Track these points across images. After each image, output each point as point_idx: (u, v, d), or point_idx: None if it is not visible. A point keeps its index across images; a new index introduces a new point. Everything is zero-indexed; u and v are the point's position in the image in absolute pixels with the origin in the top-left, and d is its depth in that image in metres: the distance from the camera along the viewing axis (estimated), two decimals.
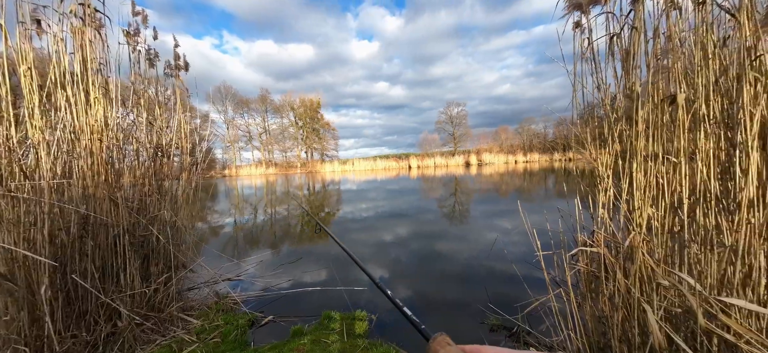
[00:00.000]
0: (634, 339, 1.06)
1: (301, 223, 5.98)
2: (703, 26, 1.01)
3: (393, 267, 3.22)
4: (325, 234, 2.23)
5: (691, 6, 1.05)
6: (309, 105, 43.95)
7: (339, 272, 3.07)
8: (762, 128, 0.90)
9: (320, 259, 3.57)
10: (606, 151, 1.24)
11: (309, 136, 43.83)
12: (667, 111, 1.01)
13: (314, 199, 10.11)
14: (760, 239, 0.90)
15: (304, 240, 4.63)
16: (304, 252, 3.92)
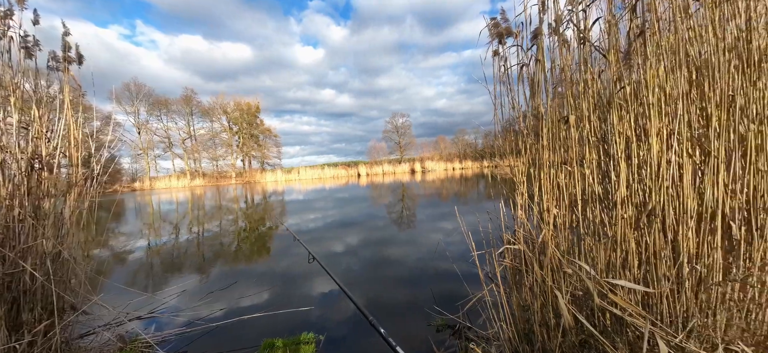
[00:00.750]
0: (550, 322, 1.25)
1: (237, 240, 5.38)
2: (583, 62, 1.28)
3: (344, 277, 3.14)
4: (265, 250, 2.04)
5: (576, 45, 1.32)
6: (246, 109, 40.25)
7: (284, 291, 2.85)
8: (626, 143, 1.17)
9: (262, 279, 3.26)
10: (520, 160, 1.44)
11: (246, 142, 40.00)
12: (563, 129, 1.24)
13: (253, 212, 9.23)
14: (631, 230, 1.15)
15: (239, 260, 4.16)
16: (241, 273, 3.52)
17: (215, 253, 4.58)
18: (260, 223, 7.11)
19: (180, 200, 15.49)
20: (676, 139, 1.08)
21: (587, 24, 1.28)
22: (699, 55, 1.15)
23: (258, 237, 5.58)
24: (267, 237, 5.62)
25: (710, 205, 1.07)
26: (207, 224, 7.37)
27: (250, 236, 5.75)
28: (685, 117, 1.08)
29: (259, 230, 6.27)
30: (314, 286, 2.97)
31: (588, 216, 1.24)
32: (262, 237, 5.63)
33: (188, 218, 8.65)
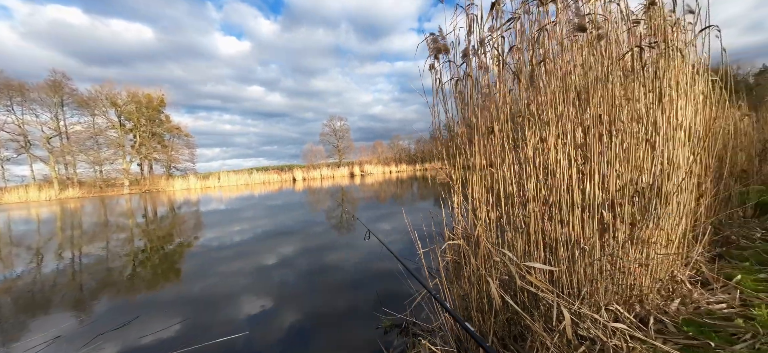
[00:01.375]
0: (485, 306, 1.42)
1: (132, 263, 4.36)
2: (501, 81, 1.52)
3: (279, 291, 2.89)
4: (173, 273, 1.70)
5: (495, 66, 1.56)
6: (145, 102, 32.95)
7: (205, 319, 2.45)
8: (534, 150, 1.42)
9: (174, 308, 2.72)
10: (456, 165, 1.61)
11: (145, 142, 32.80)
12: (490, 136, 1.44)
13: (155, 228, 7.64)
14: (539, 222, 1.41)
15: (138, 289, 3.37)
16: (143, 305, 2.87)
17: (101, 283, 3.61)
18: (165, 241, 5.92)
19: (44, 217, 11.67)
20: (565, 147, 1.39)
21: (504, 49, 1.53)
22: (578, 82, 1.50)
23: (163, 258, 4.63)
24: (176, 256, 4.72)
25: (589, 199, 1.40)
26: (86, 247, 5.75)
27: (151, 257, 4.73)
28: (571, 130, 1.39)
29: (165, 249, 5.22)
30: (243, 307, 2.64)
31: (508, 212, 1.46)
32: (169, 257, 4.70)
33: (57, 241, 6.59)
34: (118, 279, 3.70)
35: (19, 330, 2.49)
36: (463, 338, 1.48)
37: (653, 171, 1.49)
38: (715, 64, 1.94)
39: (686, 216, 1.66)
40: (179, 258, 4.60)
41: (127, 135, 32.55)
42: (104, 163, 30.87)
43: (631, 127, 1.46)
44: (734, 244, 2.19)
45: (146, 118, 32.97)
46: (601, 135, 1.40)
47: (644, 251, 1.49)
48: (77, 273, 4.13)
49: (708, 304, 1.52)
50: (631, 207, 1.48)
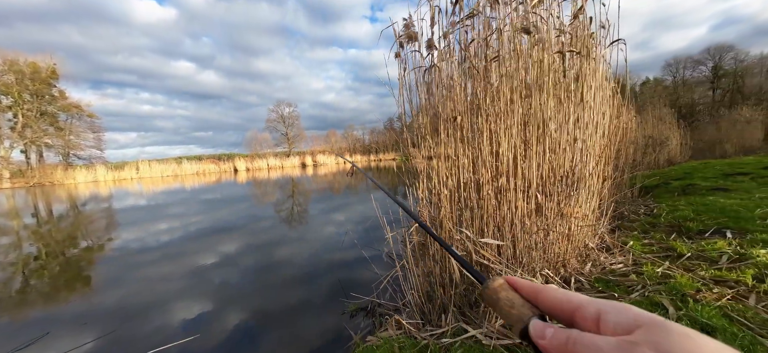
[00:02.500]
0: (446, 280, 1.55)
1: (23, 273, 3.49)
2: (462, 73, 1.64)
3: (225, 292, 2.66)
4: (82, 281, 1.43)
5: (458, 57, 1.67)
6: (30, 72, 25.80)
7: (134, 327, 2.13)
8: (489, 142, 1.58)
9: (90, 319, 2.29)
10: (421, 152, 1.70)
11: (30, 123, 25.85)
12: (453, 125, 1.56)
13: (52, 230, 6.19)
14: (491, 203, 1.58)
15: (33, 303, 2.75)
16: (50, 318, 2.35)
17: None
18: (68, 244, 4.86)
19: None
20: (512, 138, 1.58)
21: (466, 42, 1.64)
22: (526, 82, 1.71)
23: (66, 265, 3.81)
24: (82, 262, 3.93)
25: (528, 182, 1.63)
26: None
27: (48, 265, 3.85)
28: (517, 123, 1.59)
29: (67, 254, 4.29)
30: (178, 312, 2.35)
31: (466, 196, 1.61)
32: (73, 263, 3.89)
33: None
34: (2, 295, 2.92)
35: None
36: (427, 311, 1.60)
37: (575, 159, 1.81)
38: (616, 73, 2.41)
39: (595, 196, 2.06)
40: (87, 264, 3.82)
41: (4, 113, 25.15)
42: None
43: (559, 123, 1.73)
44: (626, 218, 2.81)
45: (31, 93, 25.87)
46: (538, 127, 1.63)
47: (567, 225, 1.81)
48: None
49: (610, 265, 1.94)
50: (557, 189, 1.77)
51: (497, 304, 0.27)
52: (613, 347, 0.19)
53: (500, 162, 1.56)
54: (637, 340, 0.18)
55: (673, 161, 8.39)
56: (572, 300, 0.24)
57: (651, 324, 0.19)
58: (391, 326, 1.71)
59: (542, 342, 0.23)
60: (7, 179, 23.41)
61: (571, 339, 0.21)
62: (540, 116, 1.62)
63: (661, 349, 0.17)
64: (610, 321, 0.21)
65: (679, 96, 26.13)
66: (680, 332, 0.18)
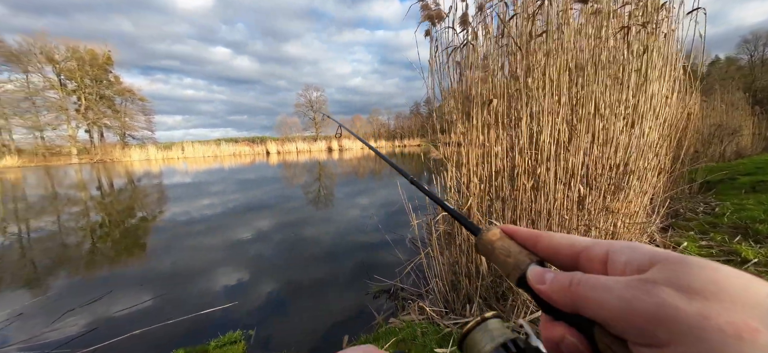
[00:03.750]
0: (472, 271, 1.51)
1: (91, 238, 4.02)
2: (501, 52, 1.51)
3: (262, 264, 2.84)
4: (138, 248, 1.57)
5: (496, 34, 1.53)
6: (89, 59, 28.57)
7: (182, 291, 2.36)
8: (526, 125, 1.46)
9: (146, 281, 2.58)
10: (450, 138, 1.62)
11: (92, 105, 28.89)
12: (487, 109, 1.45)
13: (113, 201, 7.03)
14: (526, 195, 1.48)
15: (98, 264, 3.15)
16: (107, 281, 2.69)
17: (56, 259, 3.31)
18: (127, 215, 5.48)
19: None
20: (555, 124, 1.44)
21: (506, 16, 1.50)
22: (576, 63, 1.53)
23: (125, 233, 4.32)
24: (139, 230, 4.42)
25: (572, 172, 1.49)
26: (34, 221, 5.17)
27: (111, 232, 4.39)
28: (563, 104, 1.44)
29: (127, 223, 4.85)
30: (219, 279, 2.57)
31: (499, 185, 1.52)
32: (132, 231, 4.39)
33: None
34: (73, 255, 3.40)
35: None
36: (451, 299, 1.57)
37: (630, 149, 1.61)
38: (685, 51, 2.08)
39: (649, 191, 1.84)
40: (143, 232, 4.30)
41: (69, 97, 28.51)
42: (45, 129, 27.07)
43: (615, 107, 1.54)
44: (682, 216, 2.51)
45: (91, 78, 28.90)
46: (590, 112, 1.47)
47: (612, 221, 1.65)
48: (27, 249, 3.73)
49: None
50: (605, 181, 1.60)
51: (493, 254, 0.25)
52: (624, 286, 0.16)
53: (540, 149, 1.44)
54: (653, 277, 0.16)
55: (742, 153, 7.29)
56: (576, 243, 0.21)
57: (668, 260, 0.16)
58: (414, 311, 1.72)
59: (542, 287, 0.20)
60: (75, 155, 26.80)
61: (575, 281, 0.18)
62: (591, 99, 1.44)
63: (682, 285, 0.15)
64: (620, 260, 0.18)
65: (755, 78, 22.33)
66: (702, 264, 0.15)
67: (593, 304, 0.17)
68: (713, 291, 0.14)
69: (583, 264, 0.20)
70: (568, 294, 0.18)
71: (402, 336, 1.49)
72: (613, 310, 0.16)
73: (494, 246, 0.25)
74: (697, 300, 0.14)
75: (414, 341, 1.44)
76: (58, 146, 27.31)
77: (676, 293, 0.14)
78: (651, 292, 0.15)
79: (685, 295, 0.14)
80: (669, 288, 0.15)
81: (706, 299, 0.14)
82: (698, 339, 0.13)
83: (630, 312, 0.15)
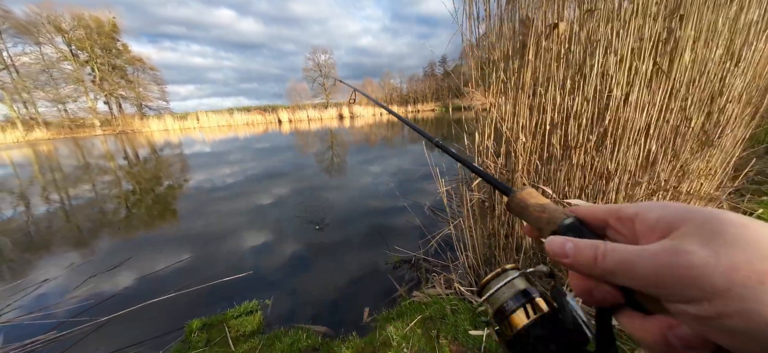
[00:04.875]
0: (511, 245, 1.29)
1: (125, 205, 4.12)
2: None
3: (284, 228, 2.79)
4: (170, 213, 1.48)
5: None
6: (96, 27, 28.19)
7: (206, 257, 2.34)
8: (601, 66, 1.13)
9: (173, 246, 2.59)
10: (491, 88, 1.31)
11: (106, 76, 28.97)
12: (551, 37, 1.12)
13: (141, 170, 7.24)
14: (589, 156, 1.20)
15: (135, 228, 3.21)
16: (143, 242, 2.75)
17: (97, 223, 3.42)
18: (155, 183, 5.61)
19: (17, 161, 10.83)
20: (641, 56, 1.10)
21: None
22: None
23: (156, 199, 4.42)
24: (168, 197, 4.50)
25: (652, 123, 1.18)
26: (73, 190, 5.38)
27: (143, 199, 4.50)
28: (650, 34, 1.08)
29: (156, 191, 4.96)
30: (242, 244, 2.55)
31: (552, 141, 1.24)
32: (162, 199, 4.48)
33: (39, 184, 6.14)
34: (112, 220, 3.51)
35: (18, 271, 2.34)
36: (484, 274, 1.39)
37: (728, 95, 1.25)
38: None
39: (737, 149, 1.50)
40: (173, 199, 4.39)
41: (83, 67, 28.86)
42: (66, 101, 27.98)
43: (716, 42, 1.16)
44: (753, 180, 2.14)
45: (100, 47, 28.83)
46: (684, 50, 1.11)
47: (689, 186, 1.35)
48: (70, 215, 3.88)
49: None
50: (687, 137, 1.28)
51: (526, 211, 0.24)
52: (652, 255, 0.16)
53: (611, 95, 1.12)
54: (681, 237, 0.16)
55: None
56: (610, 208, 0.21)
57: (698, 217, 0.16)
58: (439, 284, 1.56)
59: (566, 261, 0.19)
60: (99, 127, 27.80)
61: (600, 254, 0.18)
62: (689, 29, 1.08)
63: (712, 241, 0.15)
64: (650, 217, 0.18)
65: None
66: (735, 221, 0.15)
67: (622, 276, 0.17)
68: (742, 244, 0.14)
69: (613, 229, 0.20)
70: (595, 268, 0.18)
71: (429, 312, 1.34)
72: (642, 279, 0.16)
73: (527, 203, 0.25)
74: (725, 255, 0.14)
75: (443, 319, 1.29)
76: (82, 118, 28.30)
77: (706, 251, 0.14)
78: (679, 256, 0.15)
79: (714, 252, 0.14)
80: (698, 247, 0.15)
81: (733, 252, 0.14)
82: (727, 291, 0.13)
83: (659, 279, 0.15)
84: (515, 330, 0.23)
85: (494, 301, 0.24)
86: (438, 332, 1.24)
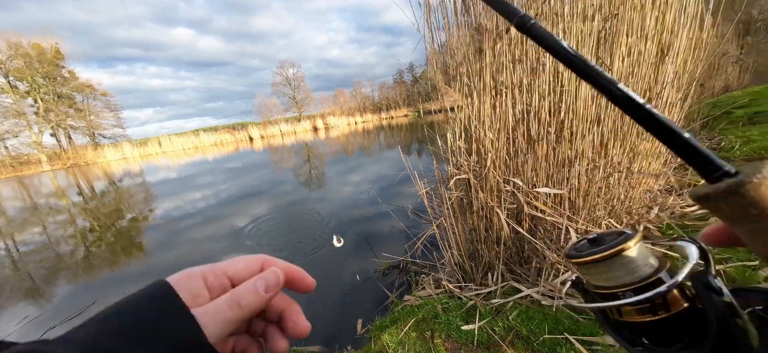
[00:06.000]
0: (491, 238, 1.36)
1: (83, 244, 3.74)
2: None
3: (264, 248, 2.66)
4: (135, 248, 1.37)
5: None
6: (37, 55, 25.73)
7: None
8: (554, 65, 1.24)
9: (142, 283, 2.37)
10: (456, 89, 1.39)
11: (51, 107, 26.40)
12: (503, 41, 1.21)
13: (99, 205, 6.61)
14: (550, 146, 1.30)
15: (97, 268, 2.92)
16: (106, 283, 2.51)
17: (51, 269, 3.06)
18: (116, 217, 5.16)
19: None
20: None
21: None
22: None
23: (118, 235, 4.07)
24: (132, 231, 4.16)
25: (600, 111, 1.31)
26: (19, 235, 4.78)
27: (103, 235, 4.12)
28: (591, 33, 1.22)
29: (117, 226, 4.56)
30: None
31: (517, 135, 1.33)
32: (125, 233, 4.13)
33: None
34: (69, 263, 3.15)
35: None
36: (469, 269, 1.45)
37: (662, 81, 1.43)
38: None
39: None
40: (137, 232, 4.05)
41: (24, 99, 26.06)
42: (6, 138, 25.02)
43: (641, 36, 1.33)
44: None
45: (43, 76, 26.26)
46: (620, 44, 1.25)
47: (640, 164, 1.51)
48: (18, 263, 3.44)
49: (681, 208, 1.65)
50: (632, 124, 1.43)
51: None
52: None
53: (565, 91, 1.23)
54: None
55: (730, 88, 7.34)
56: None
57: None
58: (429, 285, 1.60)
59: None
60: (46, 162, 25.11)
61: None
62: (622, 29, 1.23)
63: None
64: None
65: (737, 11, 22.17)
66: None
67: None
68: None
69: None
70: None
71: (421, 314, 1.37)
72: None
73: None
74: None
75: (436, 319, 1.32)
76: (26, 155, 25.43)
77: None
78: None
79: None
80: None
81: None
82: None
83: None
84: (673, 311, 0.19)
85: (634, 269, 0.19)
86: (432, 332, 1.26)
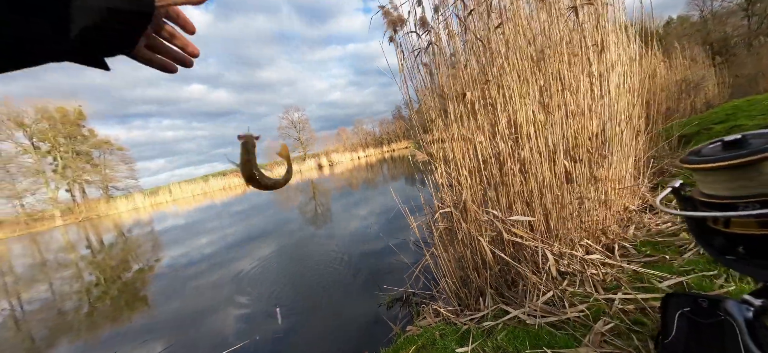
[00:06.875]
0: (479, 264, 1.52)
1: (87, 299, 3.86)
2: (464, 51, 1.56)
3: (270, 291, 2.78)
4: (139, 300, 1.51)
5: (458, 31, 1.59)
6: (60, 117, 27.70)
7: (185, 342, 2.27)
8: (506, 113, 1.50)
9: (144, 338, 2.46)
10: (433, 136, 1.65)
11: (69, 163, 27.77)
12: (463, 104, 1.49)
13: (106, 257, 6.78)
14: (516, 177, 1.51)
15: (100, 325, 3.02)
16: (107, 341, 2.58)
17: (53, 328, 3.16)
18: (122, 269, 5.30)
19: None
20: (529, 105, 1.49)
21: (464, 14, 1.55)
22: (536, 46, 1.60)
23: (123, 288, 4.18)
24: (137, 283, 4.27)
25: (553, 147, 1.54)
26: (26, 293, 4.93)
27: (108, 289, 4.23)
28: (532, 88, 1.49)
29: (123, 277, 4.68)
30: (226, 317, 2.51)
31: (489, 173, 1.55)
32: (130, 285, 4.24)
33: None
34: (72, 321, 3.26)
35: None
36: (463, 295, 1.58)
37: (602, 118, 1.68)
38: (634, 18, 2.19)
39: (631, 155, 1.92)
40: (142, 284, 4.17)
41: (44, 158, 27.50)
42: (24, 196, 25.99)
43: (580, 82, 1.61)
44: (667, 173, 2.60)
45: (65, 136, 27.99)
46: (557, 91, 1.52)
47: (602, 189, 1.70)
48: (22, 323, 3.55)
49: (656, 226, 1.81)
50: (588, 153, 1.66)
51: None
52: None
53: (519, 133, 1.48)
54: None
55: (711, 104, 7.66)
56: None
57: None
58: (429, 314, 1.71)
59: None
60: (59, 217, 25.75)
61: None
62: (557, 79, 1.51)
63: None
64: None
65: (709, 31, 23.37)
66: None
67: None
68: None
69: None
70: None
71: (421, 342, 1.48)
72: None
73: None
74: None
75: (434, 345, 1.44)
76: (40, 211, 26.19)
77: None
78: None
79: None
80: None
81: None
82: None
83: None
84: None
85: None
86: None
